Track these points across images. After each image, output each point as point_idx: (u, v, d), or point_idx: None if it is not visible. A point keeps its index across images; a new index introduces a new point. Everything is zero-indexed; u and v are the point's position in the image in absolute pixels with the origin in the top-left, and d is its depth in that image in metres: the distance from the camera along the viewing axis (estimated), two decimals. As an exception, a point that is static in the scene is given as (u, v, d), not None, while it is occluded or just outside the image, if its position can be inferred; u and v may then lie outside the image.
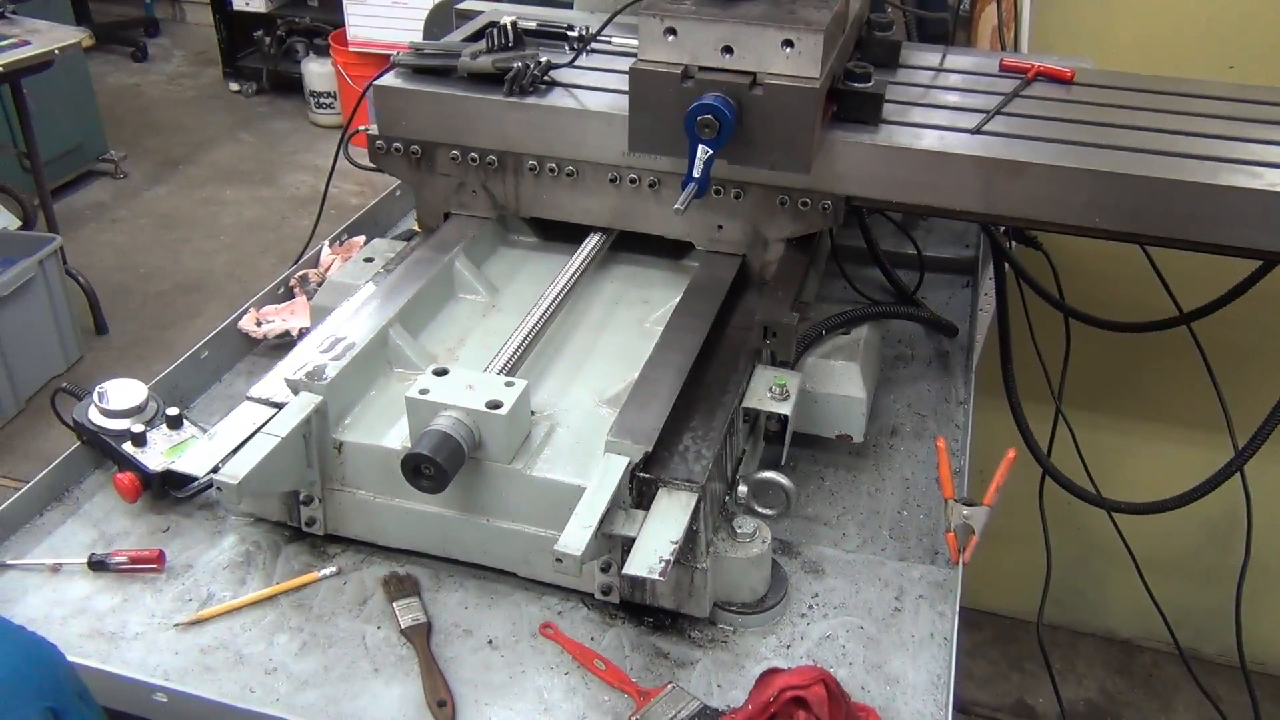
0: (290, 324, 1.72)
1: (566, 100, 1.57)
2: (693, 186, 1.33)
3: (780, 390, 1.38)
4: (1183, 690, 3.04)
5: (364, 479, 1.31)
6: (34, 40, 3.84)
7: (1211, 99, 1.62)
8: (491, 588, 1.31)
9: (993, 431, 1.86)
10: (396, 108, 1.62)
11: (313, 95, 6.21)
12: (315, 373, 1.29)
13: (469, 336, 1.51)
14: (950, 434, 1.61)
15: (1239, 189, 1.35)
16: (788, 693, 1.10)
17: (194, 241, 4.96)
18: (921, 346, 1.81)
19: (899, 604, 1.30)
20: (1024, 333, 1.96)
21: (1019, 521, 2.14)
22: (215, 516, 1.40)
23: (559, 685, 1.19)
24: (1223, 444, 1.80)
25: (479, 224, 1.67)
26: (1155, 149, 1.44)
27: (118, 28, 7.51)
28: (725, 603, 1.27)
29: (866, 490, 1.51)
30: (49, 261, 3.82)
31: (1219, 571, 2.54)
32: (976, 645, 3.16)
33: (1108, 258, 1.94)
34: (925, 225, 2.08)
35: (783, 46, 1.29)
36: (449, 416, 1.20)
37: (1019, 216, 1.48)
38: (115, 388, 1.44)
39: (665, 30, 1.32)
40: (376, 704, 1.16)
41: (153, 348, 4.26)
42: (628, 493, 1.20)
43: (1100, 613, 3.18)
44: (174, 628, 1.24)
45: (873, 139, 1.47)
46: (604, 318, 1.56)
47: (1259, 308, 1.72)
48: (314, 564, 1.33)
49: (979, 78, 1.70)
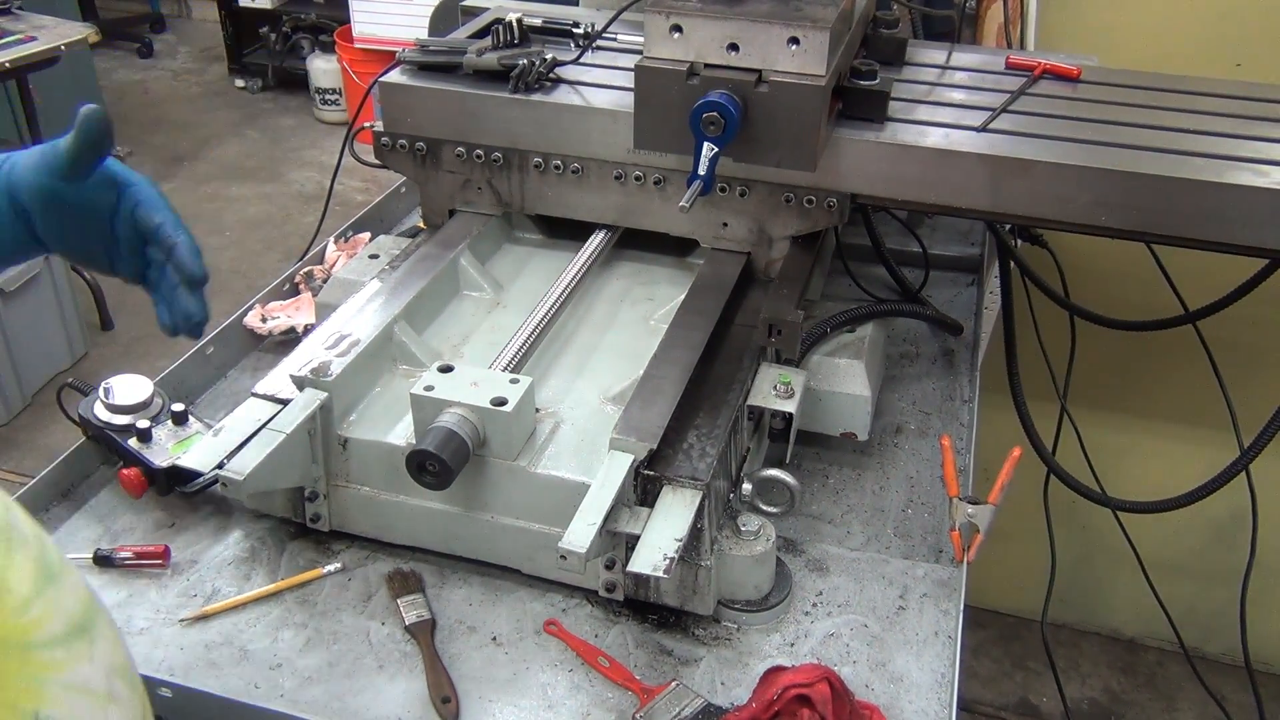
0: (295, 320, 1.72)
1: (572, 97, 1.57)
2: (698, 184, 1.32)
3: (785, 388, 1.38)
4: (1187, 689, 3.03)
5: (369, 475, 1.31)
6: (40, 36, 3.85)
7: (1218, 97, 1.61)
8: (495, 584, 1.31)
9: (997, 430, 1.86)
10: (402, 104, 1.62)
11: (318, 92, 6.22)
12: (320, 369, 1.29)
13: (474, 333, 1.51)
14: (955, 432, 1.60)
15: (1246, 187, 1.35)
16: (792, 691, 1.10)
17: (199, 237, 4.88)
18: (926, 345, 1.81)
19: (903, 602, 1.30)
20: (1029, 331, 1.96)
21: (1024, 520, 2.14)
22: (220, 512, 1.40)
23: (563, 682, 1.19)
24: (1228, 443, 1.80)
25: (484, 221, 1.67)
26: (1162, 147, 1.44)
27: (123, 24, 7.53)
28: (729, 600, 1.27)
29: (871, 488, 1.51)
30: (54, 257, 3.82)
31: (1224, 571, 2.54)
32: (981, 644, 3.16)
33: (1113, 256, 1.94)
34: (930, 223, 2.08)
35: (789, 44, 1.29)
36: (454, 413, 1.20)
37: (1025, 214, 1.48)
38: (121, 383, 1.45)
39: (671, 27, 1.32)
40: (380, 700, 1.16)
41: (158, 344, 4.27)
42: (632, 490, 1.20)
43: (1105, 611, 3.17)
44: (179, 623, 1.25)
45: (878, 137, 1.46)
46: (609, 315, 1.56)
47: (1265, 307, 1.72)
48: (318, 560, 1.33)
49: (985, 75, 1.69)
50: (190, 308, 1.04)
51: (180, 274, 1.03)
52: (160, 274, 1.05)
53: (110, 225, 1.04)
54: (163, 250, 1.04)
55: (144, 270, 1.06)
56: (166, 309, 1.06)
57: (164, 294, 1.05)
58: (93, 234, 1.04)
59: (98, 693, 0.67)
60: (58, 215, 1.01)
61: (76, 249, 1.05)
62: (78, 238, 1.04)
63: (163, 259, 1.04)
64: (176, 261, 1.03)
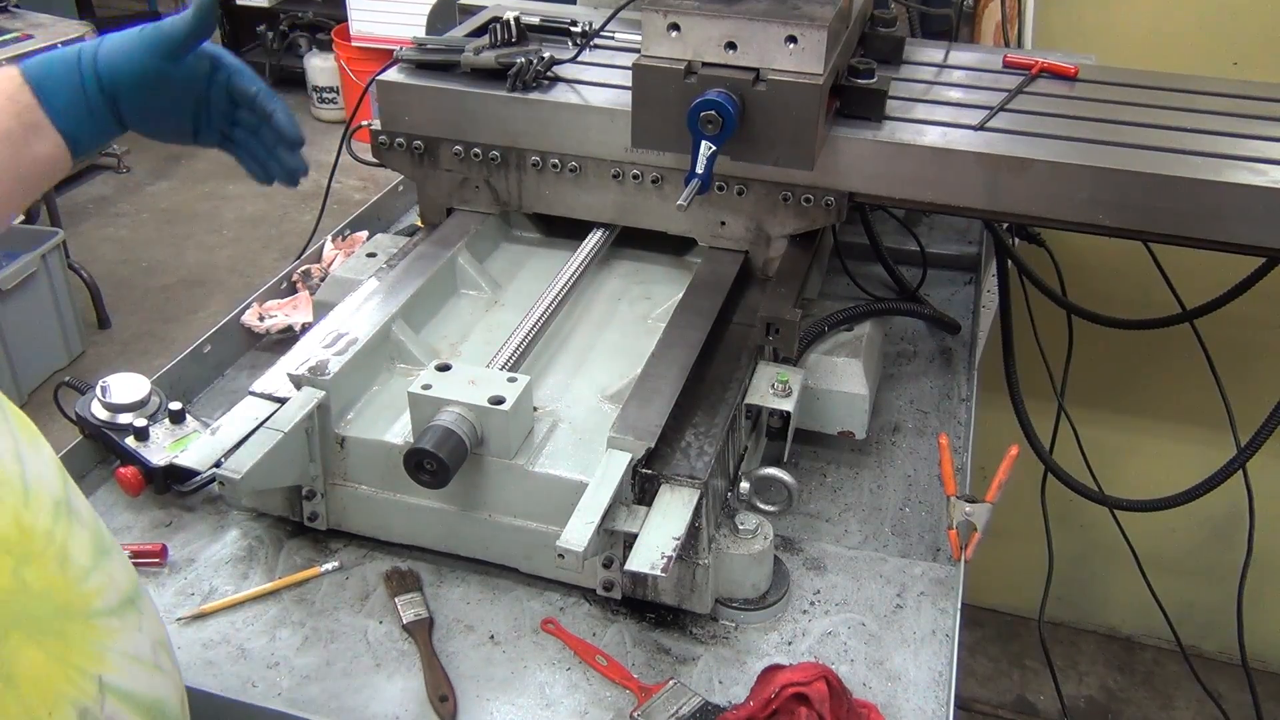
0: (293, 319, 1.72)
1: (569, 96, 1.57)
2: (696, 182, 1.32)
3: (783, 387, 1.38)
4: (1184, 687, 3.04)
5: (366, 474, 1.31)
6: (37, 34, 3.84)
7: (1215, 95, 1.61)
8: (493, 583, 1.31)
9: (995, 428, 1.86)
10: (399, 103, 1.62)
11: (315, 90, 6.21)
12: (318, 368, 1.29)
13: (471, 332, 1.51)
14: (952, 431, 1.61)
15: (1243, 186, 1.35)
16: (789, 689, 1.10)
17: (196, 236, 4.96)
18: (924, 343, 1.81)
19: (901, 601, 1.30)
20: (1026, 329, 1.96)
21: (1021, 518, 2.15)
22: (218, 511, 1.40)
23: (560, 681, 1.19)
24: (1225, 441, 1.80)
25: (481, 219, 1.67)
26: (1159, 146, 1.44)
27: (121, 22, 7.51)
28: (727, 599, 1.27)
29: (868, 487, 1.51)
30: (51, 256, 3.82)
31: (1221, 569, 2.55)
32: (978, 642, 3.17)
33: (1111, 255, 1.94)
34: (928, 221, 2.08)
35: (786, 42, 1.29)
36: (451, 412, 1.20)
37: (1022, 213, 1.48)
38: (118, 382, 1.44)
39: (669, 26, 1.32)
40: (378, 698, 1.16)
41: (155, 342, 4.27)
42: (630, 489, 1.20)
43: (1102, 610, 3.18)
44: (176, 622, 1.24)
45: (876, 135, 1.46)
46: (606, 314, 1.56)
47: (1262, 305, 1.72)
48: (316, 559, 1.33)
49: (982, 74, 1.69)
50: (294, 163, 1.20)
51: (282, 138, 1.17)
52: (249, 136, 1.18)
53: (205, 96, 1.14)
54: (260, 116, 1.16)
55: (228, 134, 1.18)
56: (261, 166, 1.20)
57: (255, 154, 1.19)
58: (185, 107, 1.14)
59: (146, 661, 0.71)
60: (154, 92, 1.09)
61: (164, 124, 1.14)
62: (169, 112, 1.13)
63: (255, 123, 1.17)
64: (277, 127, 1.16)
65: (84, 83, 1.05)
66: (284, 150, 1.19)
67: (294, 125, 1.17)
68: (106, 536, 0.72)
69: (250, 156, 1.20)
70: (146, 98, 1.09)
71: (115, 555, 0.72)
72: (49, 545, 0.66)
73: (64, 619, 0.65)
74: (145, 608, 0.72)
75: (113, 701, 0.65)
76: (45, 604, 0.64)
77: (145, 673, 0.70)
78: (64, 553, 0.66)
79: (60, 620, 0.64)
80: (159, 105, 1.11)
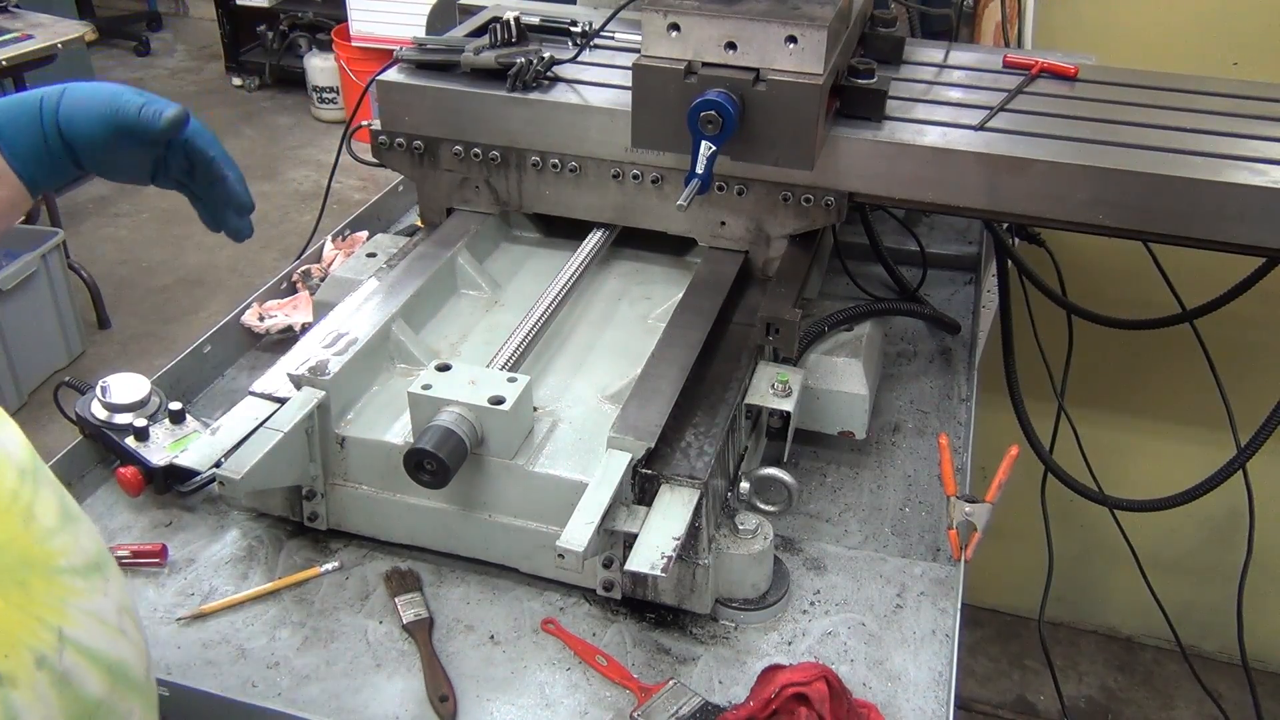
0: (293, 319, 1.72)
1: (569, 96, 1.57)
2: (696, 183, 1.32)
3: (783, 387, 1.38)
4: (1184, 687, 3.04)
5: (366, 474, 1.31)
6: (37, 34, 3.84)
7: (1216, 95, 1.61)
8: (493, 583, 1.31)
9: (995, 428, 1.86)
10: (399, 103, 1.62)
11: (315, 90, 6.22)
12: (318, 368, 1.29)
13: (471, 332, 1.51)
14: (952, 431, 1.61)
15: (1243, 186, 1.35)
16: (789, 689, 1.10)
17: (196, 236, 4.95)
18: (924, 343, 1.81)
19: (901, 601, 1.30)
20: (1026, 329, 1.96)
21: (1021, 518, 2.15)
22: (217, 511, 1.40)
23: (560, 681, 1.19)
24: (1225, 441, 1.80)
25: (481, 219, 1.67)
26: (1159, 146, 1.44)
27: (120, 22, 7.52)
28: (727, 599, 1.27)
29: (868, 487, 1.51)
30: (51, 255, 3.82)
31: (1221, 569, 2.55)
32: (978, 642, 3.17)
33: (1111, 255, 1.94)
34: (928, 221, 2.08)
35: (786, 42, 1.29)
36: (451, 412, 1.20)
37: (1022, 213, 1.48)
38: (118, 382, 1.44)
39: (668, 26, 1.32)
40: (378, 698, 1.16)
41: (155, 342, 4.27)
42: (630, 489, 1.20)
43: (1102, 610, 3.18)
44: (176, 622, 1.24)
45: (876, 135, 1.46)
46: (606, 314, 1.56)
47: (1262, 305, 1.72)
48: (316, 559, 1.33)
49: (983, 74, 1.69)
50: (241, 227, 1.22)
51: (230, 203, 1.20)
52: (204, 189, 1.20)
53: (164, 154, 1.17)
54: (213, 180, 1.18)
55: (183, 182, 1.20)
56: (211, 217, 1.22)
57: (209, 208, 1.21)
58: (144, 163, 1.16)
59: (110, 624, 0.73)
60: (112, 150, 1.11)
61: (122, 174, 1.16)
62: (127, 164, 1.15)
63: (209, 182, 1.19)
64: (229, 193, 1.19)
65: (44, 131, 1.08)
66: (233, 214, 1.21)
67: (245, 193, 1.20)
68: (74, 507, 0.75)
69: (202, 206, 1.22)
70: (105, 154, 1.11)
71: (82, 524, 0.74)
72: (14, 503, 0.68)
73: (26, 569, 0.66)
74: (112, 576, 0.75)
75: (71, 654, 0.67)
76: (6, 554, 0.66)
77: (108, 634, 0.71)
78: (29, 511, 0.69)
79: (22, 570, 0.66)
80: (120, 159, 1.14)
